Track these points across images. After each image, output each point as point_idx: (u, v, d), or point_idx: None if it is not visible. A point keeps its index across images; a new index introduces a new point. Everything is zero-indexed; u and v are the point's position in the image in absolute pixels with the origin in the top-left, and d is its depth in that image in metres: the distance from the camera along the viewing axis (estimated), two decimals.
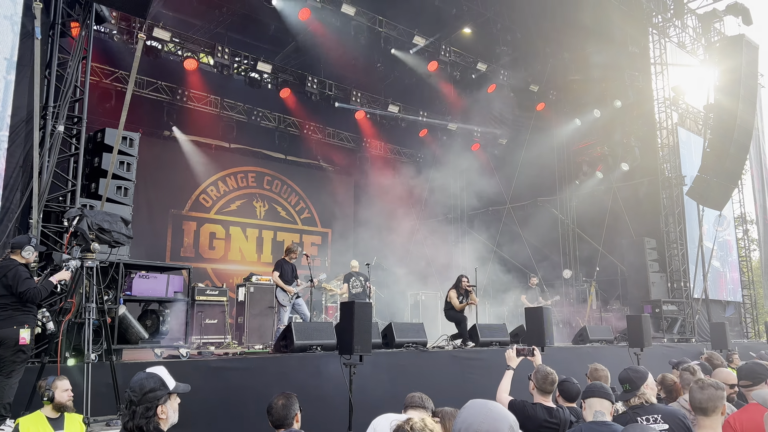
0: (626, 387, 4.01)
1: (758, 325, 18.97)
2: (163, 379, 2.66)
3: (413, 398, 3.84)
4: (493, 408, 1.93)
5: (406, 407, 3.81)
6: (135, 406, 2.56)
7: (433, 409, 3.81)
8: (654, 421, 3.83)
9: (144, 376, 2.65)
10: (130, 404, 2.58)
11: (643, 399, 3.98)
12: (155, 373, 2.66)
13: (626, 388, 4.01)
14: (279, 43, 15.70)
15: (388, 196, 17.62)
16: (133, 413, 2.55)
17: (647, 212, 15.66)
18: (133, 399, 2.57)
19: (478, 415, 1.88)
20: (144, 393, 2.58)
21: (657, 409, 3.92)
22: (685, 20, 17.72)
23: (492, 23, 15.65)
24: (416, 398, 3.84)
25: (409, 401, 3.83)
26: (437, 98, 18.11)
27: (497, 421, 1.88)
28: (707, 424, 3.25)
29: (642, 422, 3.82)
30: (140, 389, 2.59)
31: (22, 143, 6.79)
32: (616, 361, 9.40)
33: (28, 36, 6.94)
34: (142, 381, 2.62)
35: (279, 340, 7.66)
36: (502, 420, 1.88)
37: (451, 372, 8.48)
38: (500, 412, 1.92)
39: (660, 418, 3.84)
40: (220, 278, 15.58)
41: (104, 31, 12.50)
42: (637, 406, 3.95)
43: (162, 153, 15.11)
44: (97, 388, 5.30)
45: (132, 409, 2.56)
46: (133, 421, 2.54)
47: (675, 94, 16.21)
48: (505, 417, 1.90)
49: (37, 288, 5.30)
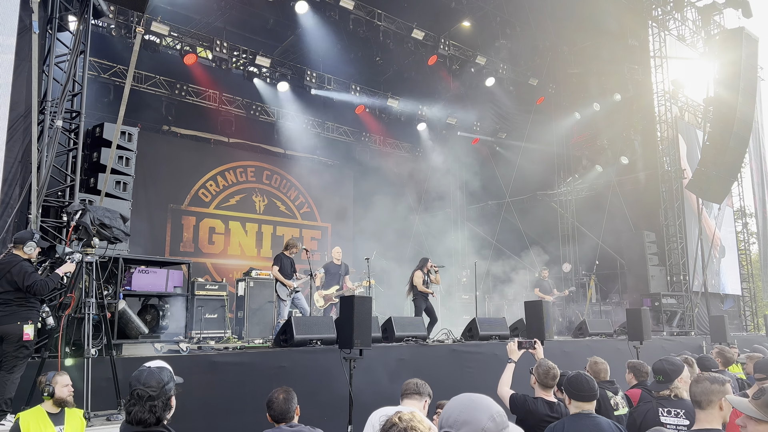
0: (659, 378, 4.01)
1: (757, 318, 19.01)
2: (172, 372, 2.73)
3: (408, 385, 3.86)
4: (476, 399, 1.87)
5: (403, 395, 3.83)
6: (154, 400, 2.59)
7: (430, 394, 3.83)
8: (676, 415, 3.84)
9: (157, 370, 2.69)
10: (147, 399, 2.59)
11: (675, 392, 3.98)
12: (166, 366, 2.71)
13: (659, 380, 4.01)
14: (277, 37, 15.66)
15: (387, 190, 17.61)
16: (152, 407, 2.58)
17: (647, 206, 15.66)
18: (152, 394, 2.59)
19: (459, 406, 1.84)
20: (162, 386, 2.62)
21: (683, 405, 3.92)
22: (684, 13, 17.67)
23: (491, 17, 15.61)
24: (411, 385, 3.85)
25: (404, 389, 3.85)
26: (436, 92, 18.08)
27: (476, 410, 1.81)
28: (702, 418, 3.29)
29: (663, 413, 3.84)
30: (158, 383, 2.62)
31: (21, 138, 6.77)
32: (615, 354, 9.44)
33: (26, 30, 6.90)
34: (158, 375, 2.66)
35: (279, 334, 7.66)
36: (482, 410, 1.82)
37: (450, 366, 8.50)
38: (483, 403, 1.85)
39: (683, 414, 3.84)
40: (220, 273, 15.58)
41: (102, 26, 12.44)
42: (663, 398, 3.95)
43: (161, 148, 15.08)
44: (98, 383, 5.31)
45: (151, 403, 2.58)
46: (155, 414, 2.57)
47: (674, 88, 16.18)
48: (487, 408, 1.83)
49: (44, 280, 5.31)
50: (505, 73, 16.92)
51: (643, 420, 3.74)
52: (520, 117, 18.39)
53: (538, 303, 9.32)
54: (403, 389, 3.86)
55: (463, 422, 1.75)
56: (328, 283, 10.93)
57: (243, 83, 15.27)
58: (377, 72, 17.24)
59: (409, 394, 3.80)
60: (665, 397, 3.97)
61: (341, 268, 10.82)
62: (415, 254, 17.90)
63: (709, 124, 14.98)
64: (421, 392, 3.80)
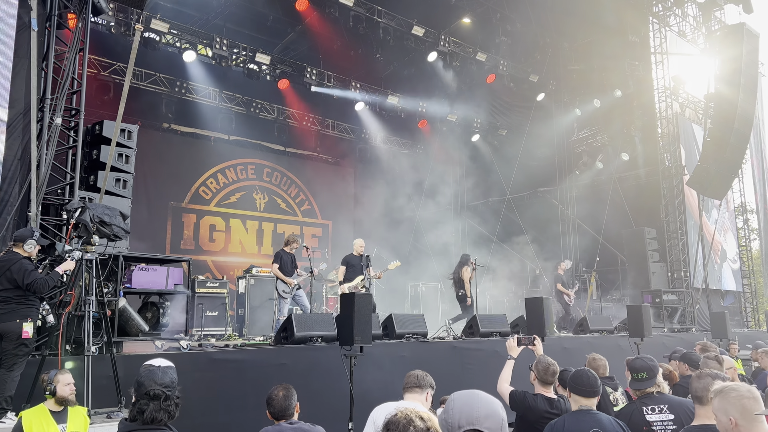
0: (642, 375, 3.98)
1: (758, 314, 19.00)
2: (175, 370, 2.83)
3: (409, 379, 3.85)
4: (482, 394, 1.96)
5: (404, 390, 3.82)
6: (169, 399, 2.66)
7: (432, 385, 3.81)
8: (660, 411, 3.85)
9: (169, 370, 2.78)
10: (164, 399, 2.66)
11: (657, 389, 3.99)
12: (171, 365, 2.77)
13: (642, 377, 3.99)
14: (277, 34, 15.62)
15: (388, 187, 17.61)
16: (167, 407, 2.66)
17: (647, 202, 15.65)
18: (169, 394, 2.67)
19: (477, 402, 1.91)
20: (175, 385, 2.72)
21: (665, 400, 3.94)
22: (685, 9, 17.63)
23: (491, 13, 15.58)
24: (412, 379, 3.83)
25: (405, 383, 3.85)
26: (437, 89, 18.05)
27: (492, 403, 1.92)
28: (702, 413, 3.33)
29: (648, 411, 3.84)
30: (172, 383, 2.71)
31: (20, 136, 6.76)
32: (616, 351, 9.45)
33: (24, 28, 6.89)
34: (171, 374, 2.75)
35: (279, 331, 7.66)
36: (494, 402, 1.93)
37: (451, 363, 8.50)
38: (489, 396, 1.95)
39: (666, 408, 3.86)
40: (221, 270, 15.60)
41: (101, 23, 12.42)
42: (645, 396, 3.96)
43: (161, 145, 15.07)
44: (98, 381, 5.31)
45: (167, 403, 2.66)
46: (169, 413, 2.66)
47: (675, 84, 16.14)
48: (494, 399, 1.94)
49: (44, 278, 5.31)
50: (506, 69, 16.89)
51: (629, 421, 3.74)
52: (521, 113, 18.37)
53: (538, 300, 9.30)
54: (404, 383, 3.86)
55: (486, 416, 1.86)
56: (351, 275, 10.54)
57: (243, 80, 15.26)
58: (377, 69, 17.21)
59: (410, 388, 3.80)
60: (648, 395, 3.97)
61: (363, 260, 10.65)
62: (415, 251, 17.92)
63: (710, 120, 14.95)
64: (422, 385, 3.79)
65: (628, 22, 15.95)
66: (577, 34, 16.71)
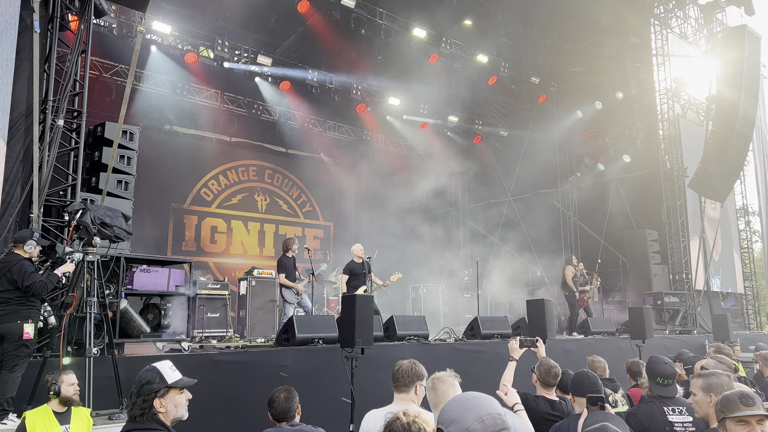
0: (668, 382, 3.98)
1: (760, 316, 18.96)
2: (161, 373, 2.68)
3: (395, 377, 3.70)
4: (471, 399, 1.81)
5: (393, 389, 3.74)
6: (136, 397, 2.64)
7: (419, 376, 3.67)
8: (680, 412, 3.86)
9: (144, 369, 2.73)
10: (131, 396, 2.68)
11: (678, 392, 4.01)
12: (154, 366, 2.72)
13: (668, 383, 3.98)
14: (279, 36, 15.64)
15: (389, 188, 17.60)
16: (133, 404, 2.64)
17: (649, 204, 15.62)
18: (134, 391, 2.66)
19: (452, 404, 1.78)
20: (141, 385, 2.65)
21: (682, 402, 3.94)
22: (687, 11, 17.62)
23: (493, 15, 15.60)
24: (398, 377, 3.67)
25: (392, 381, 3.71)
26: (438, 91, 18.04)
27: (466, 410, 1.76)
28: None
29: (669, 412, 3.85)
30: (138, 381, 2.66)
31: (22, 137, 6.76)
32: (617, 353, 9.43)
33: (26, 29, 6.90)
34: (141, 374, 2.70)
35: (281, 333, 7.66)
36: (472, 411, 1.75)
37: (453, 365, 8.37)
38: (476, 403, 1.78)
39: (685, 410, 3.86)
40: (222, 272, 15.58)
41: (104, 25, 12.45)
42: (666, 396, 3.96)
43: (162, 147, 15.06)
44: (99, 382, 5.31)
45: (133, 400, 2.64)
46: (132, 411, 2.63)
47: (677, 86, 16.13)
48: (478, 408, 1.75)
49: (43, 281, 5.31)
50: (507, 71, 16.89)
51: (651, 421, 3.74)
52: (523, 115, 18.37)
53: (539, 302, 9.29)
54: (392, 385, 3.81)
55: (451, 421, 1.72)
56: (354, 283, 10.14)
57: (244, 82, 15.26)
58: (379, 71, 17.21)
59: (398, 389, 3.75)
60: (668, 396, 3.97)
61: (365, 266, 10.38)
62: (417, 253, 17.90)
63: (712, 122, 14.95)
64: (408, 383, 3.72)
65: (630, 24, 15.95)
66: (579, 36, 16.70)
